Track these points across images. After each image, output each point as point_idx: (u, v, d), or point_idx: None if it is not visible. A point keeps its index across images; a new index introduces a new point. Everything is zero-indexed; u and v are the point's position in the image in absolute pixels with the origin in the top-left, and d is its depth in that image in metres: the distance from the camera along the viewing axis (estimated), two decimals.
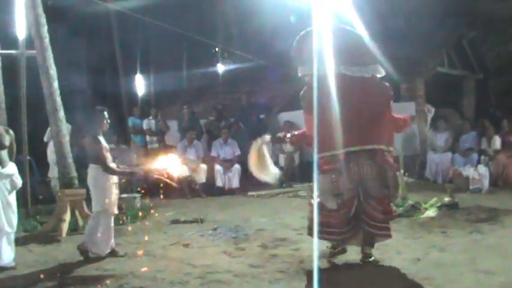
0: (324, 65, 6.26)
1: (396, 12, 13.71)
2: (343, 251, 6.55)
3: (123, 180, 7.29)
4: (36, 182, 12.10)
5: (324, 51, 6.31)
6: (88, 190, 7.53)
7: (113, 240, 7.11)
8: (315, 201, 6.17)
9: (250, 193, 12.13)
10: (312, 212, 6.27)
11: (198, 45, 18.08)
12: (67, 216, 8.62)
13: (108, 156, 7.03)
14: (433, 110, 14.90)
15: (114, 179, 7.04)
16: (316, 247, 6.29)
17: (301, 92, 6.59)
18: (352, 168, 6.13)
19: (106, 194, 6.93)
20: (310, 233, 6.36)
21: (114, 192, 7.05)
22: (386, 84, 6.66)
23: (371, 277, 5.75)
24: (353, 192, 6.13)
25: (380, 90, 6.50)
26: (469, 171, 11.60)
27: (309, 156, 7.15)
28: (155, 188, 10.82)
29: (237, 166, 12.85)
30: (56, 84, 9.26)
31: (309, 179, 7.28)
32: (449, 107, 16.31)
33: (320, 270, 5.91)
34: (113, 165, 7.08)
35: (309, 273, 5.69)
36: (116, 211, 7.16)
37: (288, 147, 12.48)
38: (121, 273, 6.20)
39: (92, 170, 7.01)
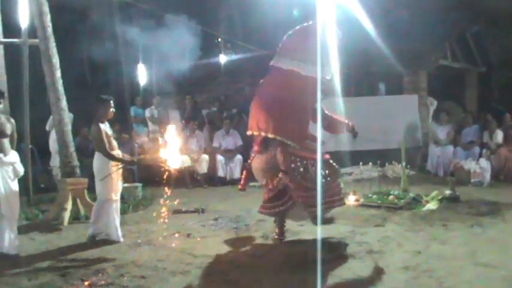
0: (287, 60, 6.98)
1: (400, 5, 13.67)
2: (282, 230, 7.23)
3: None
4: (38, 170, 12.13)
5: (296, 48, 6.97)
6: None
7: (111, 227, 7.25)
8: None
9: (251, 184, 12.08)
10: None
11: (201, 36, 18.04)
12: (69, 205, 8.65)
13: (112, 143, 7.20)
14: (435, 102, 14.89)
15: (114, 167, 7.14)
16: (319, 238, 6.32)
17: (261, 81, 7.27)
18: (270, 151, 6.93)
19: (104, 180, 7.08)
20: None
21: (115, 179, 7.16)
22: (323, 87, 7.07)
23: (372, 269, 5.76)
24: (272, 171, 6.89)
25: (311, 92, 6.89)
26: (470, 165, 11.59)
27: None
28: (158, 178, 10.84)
29: (238, 156, 12.85)
30: (58, 73, 9.25)
31: None
32: (451, 100, 16.27)
33: (321, 261, 5.94)
34: (115, 152, 7.23)
35: (311, 264, 5.69)
36: (115, 197, 7.23)
37: None
38: (122, 262, 6.23)
39: (95, 157, 7.21)
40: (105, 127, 7.18)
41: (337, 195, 7.22)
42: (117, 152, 7.26)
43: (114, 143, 7.28)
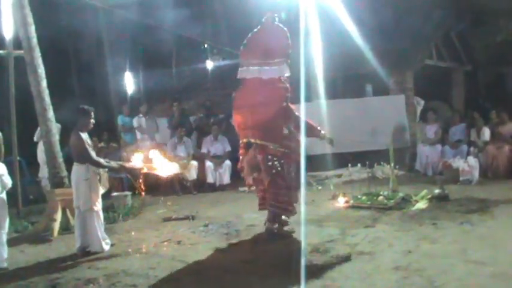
0: (248, 69, 7.48)
1: (384, 5, 13.72)
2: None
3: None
4: (27, 182, 12.07)
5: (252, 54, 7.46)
6: None
7: (92, 238, 7.20)
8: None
9: (241, 189, 12.13)
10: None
11: (187, 42, 18.06)
12: (58, 216, 8.60)
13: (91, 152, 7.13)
14: (422, 102, 14.96)
15: (94, 176, 7.14)
16: (304, 241, 6.34)
17: (233, 95, 7.92)
18: (251, 153, 7.49)
19: (80, 191, 7.10)
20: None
21: (93, 189, 7.14)
22: (287, 86, 7.46)
23: (363, 270, 5.77)
24: (254, 173, 7.54)
25: (277, 93, 7.41)
26: (459, 163, 11.63)
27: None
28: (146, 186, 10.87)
29: (227, 162, 12.82)
30: (44, 83, 9.23)
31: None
32: (438, 99, 16.36)
33: (312, 264, 5.95)
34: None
35: (302, 267, 5.71)
36: (96, 208, 7.18)
37: None
38: (113, 272, 6.22)
39: (75, 168, 7.19)
40: (85, 137, 7.16)
41: (291, 205, 7.60)
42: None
43: (93, 153, 7.24)
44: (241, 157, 7.75)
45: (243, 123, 7.52)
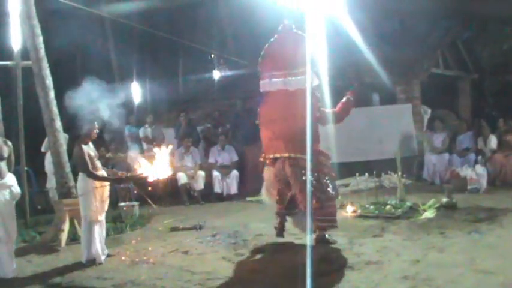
0: (271, 82, 7.33)
1: (390, 14, 13.73)
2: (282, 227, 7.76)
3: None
4: (35, 192, 12.09)
5: (274, 66, 7.35)
6: None
7: (95, 249, 7.19)
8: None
9: (248, 198, 12.11)
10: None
11: (194, 52, 18.09)
12: (66, 226, 8.60)
13: (95, 163, 7.20)
14: (429, 111, 14.94)
15: (96, 186, 7.15)
16: (309, 251, 6.32)
17: (258, 109, 7.65)
18: (277, 166, 7.39)
19: (87, 201, 7.10)
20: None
21: (98, 200, 7.17)
22: (317, 95, 7.35)
23: (370, 280, 5.75)
24: (281, 185, 7.48)
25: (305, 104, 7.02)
26: (466, 172, 11.58)
27: None
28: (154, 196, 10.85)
29: (235, 172, 12.81)
30: (52, 94, 9.25)
31: None
32: (445, 107, 16.32)
33: (320, 273, 5.93)
34: (99, 172, 7.25)
35: (310, 277, 5.69)
36: (100, 218, 7.22)
37: None
38: (121, 282, 6.22)
39: (79, 178, 7.24)
40: (88, 148, 7.17)
41: (334, 215, 7.47)
42: (101, 173, 7.28)
43: (98, 164, 7.29)
44: (266, 170, 7.70)
45: (274, 137, 7.34)
